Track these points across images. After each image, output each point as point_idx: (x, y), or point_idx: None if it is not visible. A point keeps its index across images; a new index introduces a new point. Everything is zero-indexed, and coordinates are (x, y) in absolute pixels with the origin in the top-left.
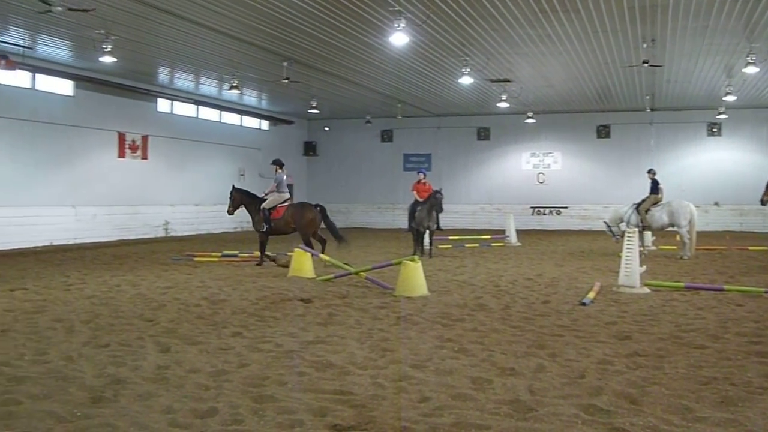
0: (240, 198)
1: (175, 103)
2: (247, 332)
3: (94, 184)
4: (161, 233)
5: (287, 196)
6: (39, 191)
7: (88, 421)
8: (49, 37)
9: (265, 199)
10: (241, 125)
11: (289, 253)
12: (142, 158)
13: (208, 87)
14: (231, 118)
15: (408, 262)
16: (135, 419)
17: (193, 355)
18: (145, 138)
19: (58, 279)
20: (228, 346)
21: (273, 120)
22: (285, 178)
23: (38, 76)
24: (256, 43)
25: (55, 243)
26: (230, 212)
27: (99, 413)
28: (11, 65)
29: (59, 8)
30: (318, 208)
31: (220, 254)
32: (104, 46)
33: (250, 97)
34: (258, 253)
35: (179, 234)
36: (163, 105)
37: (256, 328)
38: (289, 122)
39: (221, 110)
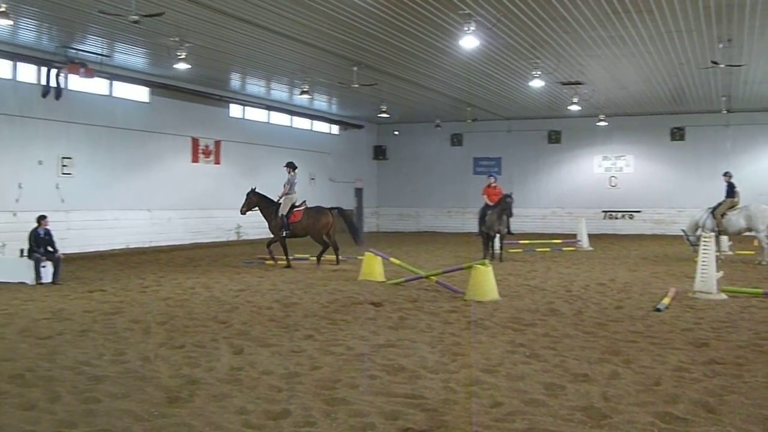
0: (256, 201)
1: (247, 108)
2: (319, 335)
3: (168, 189)
4: (233, 237)
5: (296, 196)
6: (116, 195)
7: (164, 420)
8: (126, 45)
9: (280, 203)
10: (311, 130)
11: (359, 257)
12: (215, 163)
13: (279, 92)
14: (302, 123)
15: (479, 266)
16: (210, 419)
17: (266, 357)
18: (217, 143)
19: (135, 281)
20: (300, 349)
21: (343, 124)
22: (296, 180)
23: (115, 83)
24: (326, 48)
25: (131, 246)
26: (243, 212)
27: (175, 413)
28: (90, 73)
29: (135, 17)
30: (335, 211)
31: (291, 257)
32: (178, 54)
33: (321, 102)
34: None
35: (251, 238)
36: (235, 110)
37: (327, 331)
38: (359, 126)
39: (292, 115)
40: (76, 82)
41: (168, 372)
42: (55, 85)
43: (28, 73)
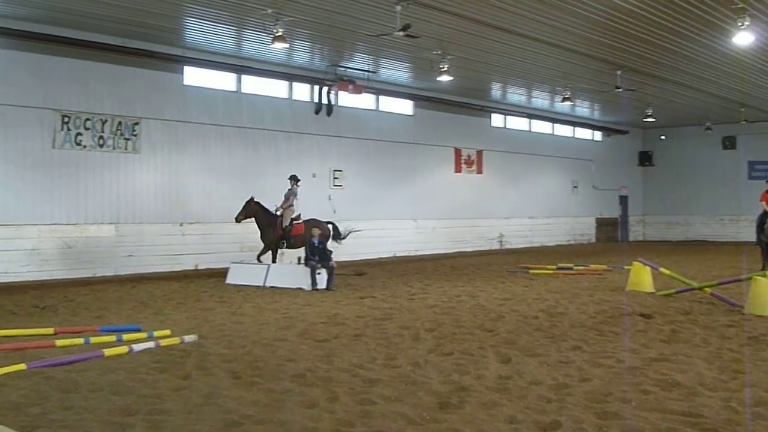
0: (254, 210)
1: (508, 117)
2: (587, 346)
3: (432, 199)
4: (496, 246)
5: (294, 208)
6: (383, 206)
7: (436, 425)
8: (391, 61)
9: (277, 215)
10: (573, 137)
11: (626, 267)
12: (477, 172)
13: (540, 100)
14: (563, 130)
15: (760, 277)
16: (480, 427)
17: (534, 366)
18: (479, 153)
19: (402, 288)
20: (568, 360)
21: (606, 130)
22: (298, 192)
23: (381, 97)
24: (588, 53)
25: (397, 254)
26: (238, 220)
27: (446, 418)
28: (358, 89)
29: (400, 33)
30: (330, 225)
31: (555, 267)
32: (441, 66)
33: (583, 108)
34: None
35: (513, 246)
36: (496, 120)
37: (595, 343)
38: (624, 132)
39: (553, 122)
40: (345, 99)
41: (438, 378)
42: (327, 102)
43: (302, 91)
